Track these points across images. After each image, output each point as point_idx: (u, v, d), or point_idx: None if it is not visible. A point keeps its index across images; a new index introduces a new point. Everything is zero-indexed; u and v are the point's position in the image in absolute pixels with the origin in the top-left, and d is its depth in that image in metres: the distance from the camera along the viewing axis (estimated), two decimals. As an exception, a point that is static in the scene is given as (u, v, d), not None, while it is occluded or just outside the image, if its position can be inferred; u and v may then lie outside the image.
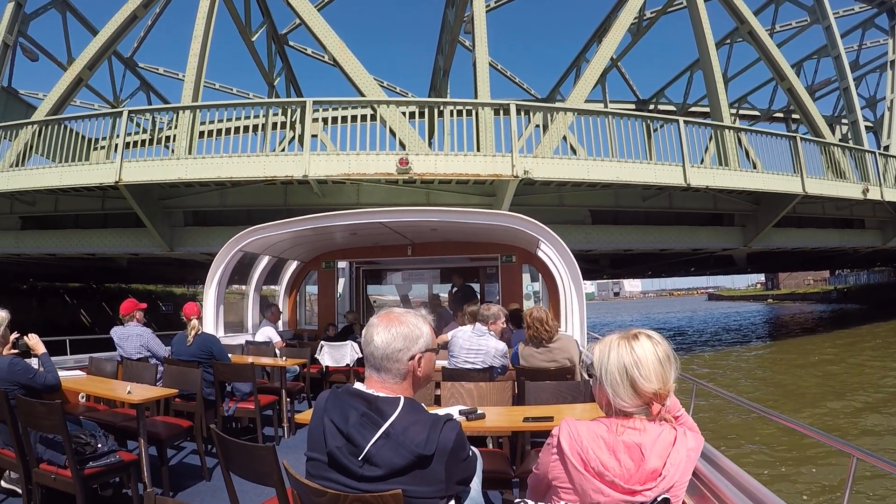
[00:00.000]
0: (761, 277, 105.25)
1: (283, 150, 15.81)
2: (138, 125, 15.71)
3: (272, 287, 11.51)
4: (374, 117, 12.84)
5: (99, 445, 3.70)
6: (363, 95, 13.58)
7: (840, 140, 20.22)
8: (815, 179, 15.11)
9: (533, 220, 7.17)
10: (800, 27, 23.40)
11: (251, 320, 9.74)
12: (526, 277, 10.48)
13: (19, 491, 3.81)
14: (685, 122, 13.91)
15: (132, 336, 6.02)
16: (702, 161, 14.61)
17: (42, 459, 3.60)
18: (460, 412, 3.35)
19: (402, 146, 12.42)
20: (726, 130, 14.78)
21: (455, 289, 11.44)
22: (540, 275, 10.03)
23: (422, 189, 13.53)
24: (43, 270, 23.06)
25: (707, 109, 19.04)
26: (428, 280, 12.89)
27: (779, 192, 14.58)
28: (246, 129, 13.65)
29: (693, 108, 25.95)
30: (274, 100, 13.49)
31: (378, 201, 13.68)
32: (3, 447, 3.80)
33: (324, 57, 22.25)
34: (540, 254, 8.82)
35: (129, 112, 12.93)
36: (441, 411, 2.43)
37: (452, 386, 4.29)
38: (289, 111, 13.91)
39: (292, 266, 10.78)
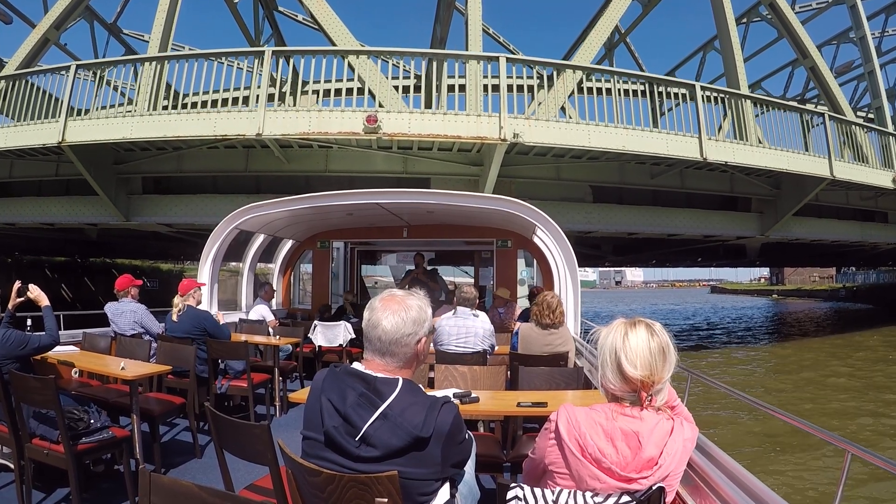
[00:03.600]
0: (764, 272, 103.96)
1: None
2: (127, 98, 15.04)
3: (268, 265, 11.47)
4: (361, 91, 11.67)
5: (92, 421, 3.69)
6: (335, 45, 12.37)
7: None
8: (843, 163, 13.72)
9: (530, 206, 7.16)
10: (819, 8, 22.17)
11: (245, 299, 9.72)
12: (520, 263, 10.48)
13: (11, 466, 3.80)
14: (702, 88, 12.43)
15: (126, 312, 6.00)
16: (720, 129, 13.38)
17: (35, 434, 3.59)
18: (454, 395, 3.36)
19: (373, 97, 11.19)
20: (745, 101, 13.07)
21: (414, 270, 11.30)
22: (535, 261, 10.04)
23: (398, 155, 12.42)
24: (26, 244, 22.57)
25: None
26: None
27: (805, 174, 13.02)
28: (235, 101, 12.64)
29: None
30: (230, 49, 11.95)
31: (348, 168, 12.77)
32: (-5, 421, 3.78)
33: (315, 25, 20.61)
34: (536, 239, 8.82)
35: (78, 66, 11.73)
36: (437, 394, 2.43)
37: (446, 369, 4.30)
38: (278, 81, 12.16)
39: (287, 245, 10.76)
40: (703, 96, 12.18)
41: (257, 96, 10.75)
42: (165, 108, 11.94)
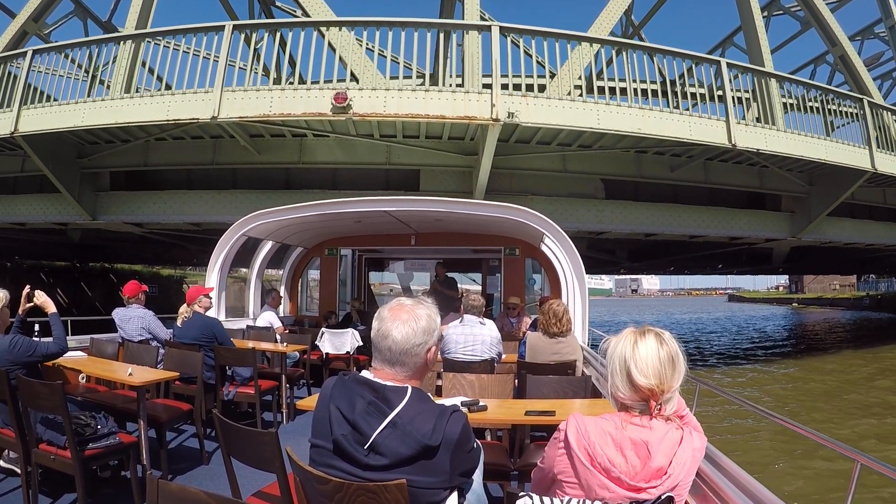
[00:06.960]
0: (782, 279, 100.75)
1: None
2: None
3: (276, 272, 11.48)
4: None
5: (99, 427, 3.69)
6: (308, 16, 11.26)
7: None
8: (885, 154, 12.17)
9: (539, 215, 7.16)
10: (840, 1, 20.32)
11: (252, 305, 9.74)
12: (528, 270, 10.47)
13: (18, 471, 3.81)
14: (729, 65, 10.95)
15: (134, 318, 6.01)
16: (748, 109, 12.09)
17: (42, 440, 3.60)
18: (462, 403, 3.34)
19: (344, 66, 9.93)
20: (772, 81, 11.51)
21: (437, 279, 11.27)
22: (542, 268, 10.02)
23: (382, 143, 11.21)
24: (18, 247, 22.16)
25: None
26: (430, 270, 12.84)
27: (844, 165, 11.53)
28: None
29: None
30: (189, 26, 9.96)
31: (326, 160, 11.79)
32: (2, 427, 3.79)
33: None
34: (544, 248, 8.81)
35: (34, 52, 10.92)
36: (445, 402, 2.42)
37: (454, 377, 4.29)
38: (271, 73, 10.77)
39: (295, 252, 10.78)
40: (728, 74, 10.77)
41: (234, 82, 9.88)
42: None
